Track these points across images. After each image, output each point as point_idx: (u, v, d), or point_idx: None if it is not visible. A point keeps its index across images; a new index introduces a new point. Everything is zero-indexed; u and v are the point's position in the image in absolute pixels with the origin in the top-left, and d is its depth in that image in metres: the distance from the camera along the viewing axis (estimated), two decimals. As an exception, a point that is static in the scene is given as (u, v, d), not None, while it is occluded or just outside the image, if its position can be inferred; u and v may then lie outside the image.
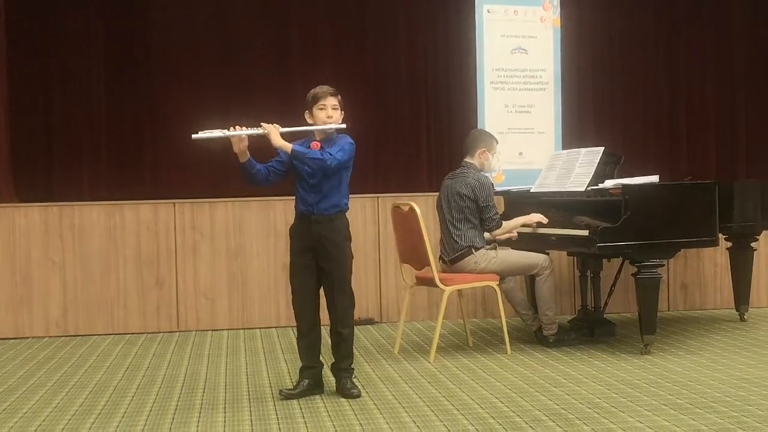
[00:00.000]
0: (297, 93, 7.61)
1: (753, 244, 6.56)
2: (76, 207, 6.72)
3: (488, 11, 7.30)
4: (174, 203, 6.80)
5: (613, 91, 8.36)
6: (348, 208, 4.67)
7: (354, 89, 7.33)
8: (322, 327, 4.69)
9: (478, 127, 7.16)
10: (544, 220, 5.69)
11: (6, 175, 7.15)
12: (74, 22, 7.47)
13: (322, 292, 4.67)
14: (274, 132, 4.43)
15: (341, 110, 4.62)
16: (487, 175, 5.78)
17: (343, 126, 4.61)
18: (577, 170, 5.79)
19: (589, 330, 5.97)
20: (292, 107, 6.86)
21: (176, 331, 6.71)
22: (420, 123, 8.00)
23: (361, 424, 4.05)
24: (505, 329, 5.59)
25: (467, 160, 5.77)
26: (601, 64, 8.30)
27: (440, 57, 7.99)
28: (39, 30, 7.41)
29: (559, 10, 7.45)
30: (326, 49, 7.85)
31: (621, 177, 5.74)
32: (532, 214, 5.73)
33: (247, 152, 4.45)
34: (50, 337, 6.58)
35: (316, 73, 7.62)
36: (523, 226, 5.73)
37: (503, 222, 5.66)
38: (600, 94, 8.31)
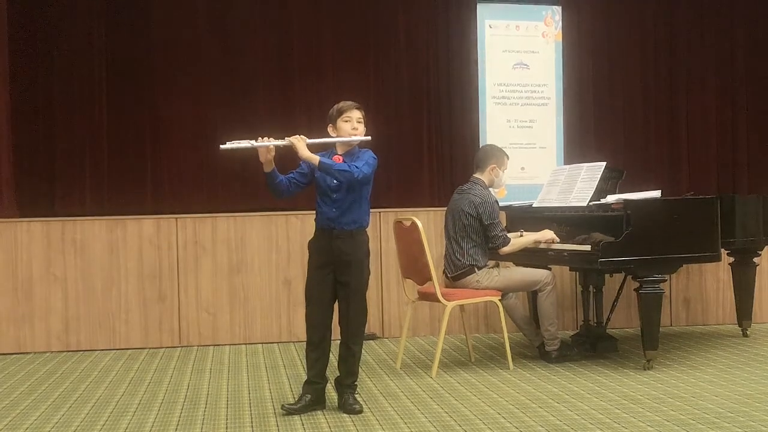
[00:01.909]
0: (298, 106, 7.71)
1: (755, 260, 6.55)
2: (78, 222, 6.73)
3: (490, 26, 7.34)
4: (176, 218, 6.81)
5: (614, 105, 8.36)
6: (368, 224, 4.67)
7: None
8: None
9: (480, 143, 7.18)
10: (557, 239, 5.65)
11: (8, 189, 7.15)
12: (76, 36, 7.49)
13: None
14: (300, 144, 4.44)
15: (365, 125, 4.64)
16: (492, 192, 5.74)
17: (368, 138, 4.62)
18: (579, 185, 5.79)
19: (592, 345, 5.95)
20: (293, 119, 6.88)
21: (178, 346, 6.71)
22: (422, 137, 8.01)
23: (363, 440, 4.05)
24: (507, 344, 5.58)
25: (476, 175, 5.76)
26: (602, 78, 8.31)
27: (442, 72, 8.01)
28: (41, 44, 7.43)
29: (560, 25, 7.48)
30: (328, 63, 7.87)
31: (623, 192, 5.75)
32: (545, 231, 5.70)
33: (273, 163, 4.47)
34: (52, 352, 6.57)
35: (317, 88, 7.67)
36: (534, 243, 5.70)
37: (512, 239, 5.63)
38: (601, 109, 8.32)
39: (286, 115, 7.57)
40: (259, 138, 4.40)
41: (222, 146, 4.36)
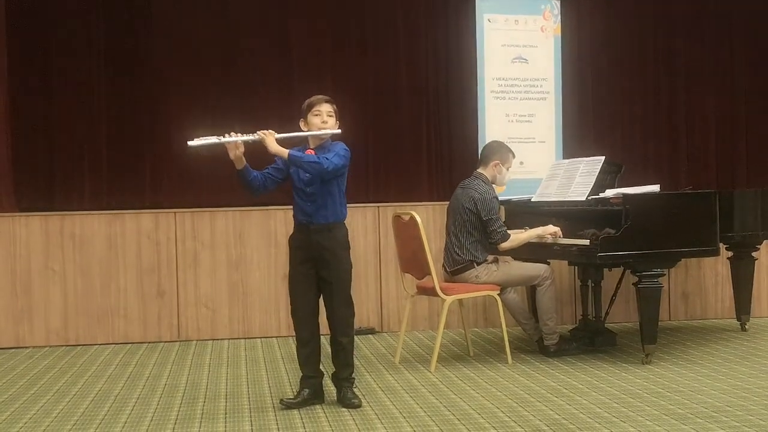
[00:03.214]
0: (297, 103, 7.64)
1: (754, 254, 6.55)
2: (77, 216, 6.73)
3: (489, 21, 7.32)
4: (175, 213, 6.80)
5: (613, 100, 8.35)
6: (345, 216, 4.66)
7: (354, 99, 7.33)
8: (322, 336, 4.69)
9: (479, 137, 7.18)
10: (560, 233, 5.61)
11: (7, 184, 7.14)
12: (75, 33, 7.47)
13: (321, 301, 4.67)
14: (269, 138, 4.43)
15: (336, 119, 4.62)
16: (493, 187, 5.71)
17: (338, 131, 4.61)
18: (577, 180, 5.79)
19: (590, 340, 5.96)
20: (291, 117, 6.85)
21: (177, 341, 6.71)
22: (420, 132, 7.99)
23: (361, 434, 4.05)
24: (506, 339, 5.59)
25: (479, 170, 5.76)
26: (601, 73, 8.29)
27: (441, 66, 7.99)
28: (40, 40, 7.41)
29: (559, 19, 7.46)
30: (326, 58, 7.85)
31: (622, 186, 5.74)
32: (549, 226, 5.67)
33: (244, 159, 4.45)
34: (51, 346, 6.57)
35: (316, 83, 7.62)
36: (537, 238, 5.68)
37: (513, 235, 5.61)
38: (600, 103, 8.30)
39: (285, 111, 7.54)
40: (226, 134, 4.39)
41: (189, 143, 4.35)
